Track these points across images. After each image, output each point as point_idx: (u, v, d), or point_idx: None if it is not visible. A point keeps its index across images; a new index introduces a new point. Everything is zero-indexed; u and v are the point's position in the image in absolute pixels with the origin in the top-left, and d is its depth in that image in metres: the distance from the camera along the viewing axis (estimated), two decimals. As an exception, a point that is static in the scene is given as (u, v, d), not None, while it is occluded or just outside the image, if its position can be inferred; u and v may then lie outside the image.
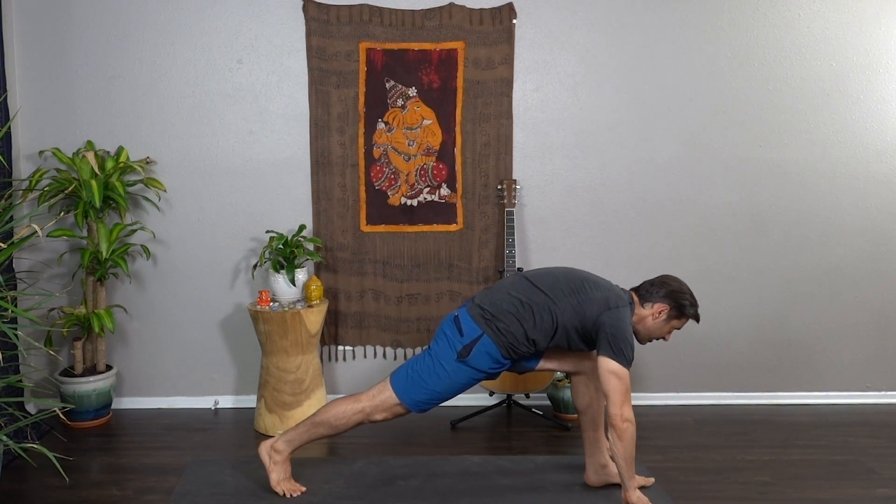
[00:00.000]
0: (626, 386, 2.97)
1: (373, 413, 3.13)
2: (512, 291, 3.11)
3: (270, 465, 3.24)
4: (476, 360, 3.04)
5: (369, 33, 4.24)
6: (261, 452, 3.28)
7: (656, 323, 3.14)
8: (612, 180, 4.38)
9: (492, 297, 3.12)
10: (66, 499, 3.27)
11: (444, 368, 3.06)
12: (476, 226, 4.37)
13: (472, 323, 3.06)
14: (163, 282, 4.37)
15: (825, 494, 3.33)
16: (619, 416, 2.94)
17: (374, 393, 3.15)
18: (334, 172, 4.32)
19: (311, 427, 3.20)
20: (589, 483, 3.36)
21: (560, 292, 3.07)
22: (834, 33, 4.33)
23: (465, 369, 3.06)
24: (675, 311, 3.13)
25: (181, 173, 4.31)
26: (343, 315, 4.42)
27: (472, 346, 3.03)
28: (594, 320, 3.03)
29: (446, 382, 3.07)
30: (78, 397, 4.05)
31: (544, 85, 4.34)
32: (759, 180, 4.40)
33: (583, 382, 3.29)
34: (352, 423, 3.15)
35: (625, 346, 2.99)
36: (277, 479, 3.24)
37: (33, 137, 4.22)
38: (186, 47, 4.25)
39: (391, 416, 3.15)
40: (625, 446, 2.97)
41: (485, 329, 3.03)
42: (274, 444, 3.25)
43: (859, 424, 4.17)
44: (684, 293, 3.15)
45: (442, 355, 3.08)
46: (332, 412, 3.17)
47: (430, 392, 3.08)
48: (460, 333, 3.06)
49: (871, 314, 4.49)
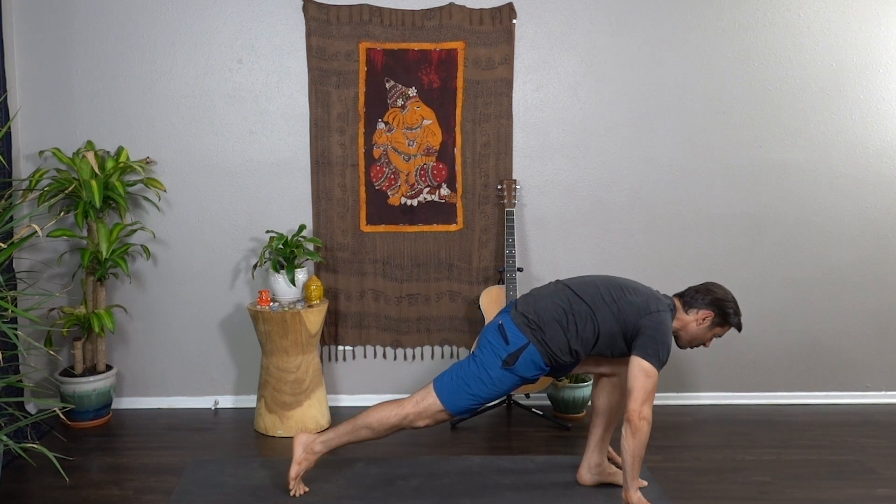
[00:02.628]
0: (652, 385, 2.98)
1: (416, 420, 3.14)
2: (555, 300, 3.12)
3: (300, 458, 3.24)
4: (521, 368, 3.06)
5: (369, 33, 4.25)
6: (296, 442, 3.27)
7: (699, 329, 3.17)
8: (612, 180, 4.38)
9: (535, 305, 3.13)
10: (66, 499, 3.27)
11: (489, 376, 3.08)
12: (476, 226, 4.37)
13: (517, 332, 3.07)
14: (163, 282, 4.37)
15: (825, 494, 3.33)
16: (637, 412, 2.95)
17: (417, 399, 3.15)
18: (334, 172, 4.32)
19: (353, 430, 3.20)
20: (581, 481, 3.37)
21: (601, 301, 3.09)
22: (834, 33, 4.33)
23: (510, 376, 3.08)
24: (719, 318, 3.16)
25: (181, 173, 4.31)
26: (343, 315, 4.42)
27: (518, 355, 3.05)
28: (634, 325, 3.04)
29: (491, 389, 3.09)
30: (78, 397, 4.05)
31: (544, 85, 4.34)
32: (759, 180, 4.40)
33: (611, 384, 3.31)
34: (395, 428, 3.17)
35: (660, 348, 3.00)
36: (297, 474, 3.24)
37: (33, 137, 4.22)
38: (186, 47, 4.25)
39: (433, 422, 3.16)
40: (636, 444, 2.97)
41: (530, 338, 3.05)
42: (312, 443, 3.25)
43: (859, 424, 4.17)
44: (729, 301, 3.18)
45: (487, 363, 3.09)
46: (375, 416, 3.17)
47: (475, 398, 3.10)
48: (506, 342, 3.08)
49: (871, 314, 4.49)
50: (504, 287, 4.11)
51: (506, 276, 4.11)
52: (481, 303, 4.15)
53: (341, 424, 3.26)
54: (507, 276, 4.10)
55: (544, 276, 4.34)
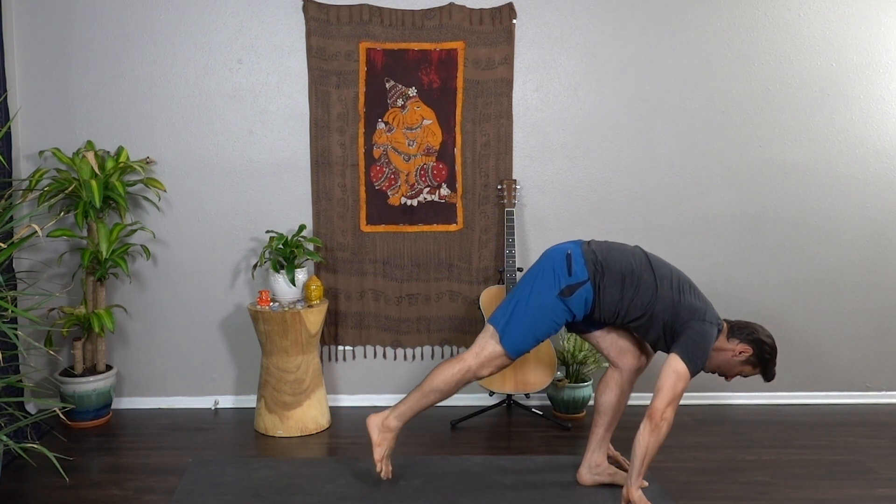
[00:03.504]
0: (681, 388, 2.97)
1: (479, 369, 3.16)
2: (629, 258, 3.14)
3: (379, 439, 3.25)
4: (574, 303, 3.08)
5: (369, 33, 4.24)
6: (370, 426, 3.27)
7: (732, 360, 3.15)
8: (612, 180, 4.38)
9: (608, 252, 3.15)
10: (66, 499, 3.27)
11: (542, 301, 3.08)
12: (476, 226, 4.37)
13: (582, 265, 3.09)
14: (163, 282, 4.37)
15: (825, 494, 3.33)
16: (660, 411, 2.94)
17: (477, 350, 3.17)
18: (334, 172, 4.32)
19: (421, 396, 3.22)
20: (581, 481, 3.37)
21: (668, 283, 3.10)
22: (834, 33, 4.33)
23: (560, 309, 3.08)
24: (755, 358, 3.14)
25: (181, 173, 4.31)
26: (343, 315, 4.42)
27: (576, 289, 3.06)
28: (684, 322, 3.04)
29: (539, 317, 3.10)
30: (78, 397, 4.05)
31: (544, 85, 4.34)
32: (759, 180, 4.40)
33: (615, 379, 3.31)
34: (461, 383, 3.18)
35: (700, 355, 3.00)
36: (381, 455, 3.25)
37: (33, 137, 4.22)
38: (186, 47, 4.25)
39: (495, 369, 3.18)
40: (653, 441, 2.97)
41: (591, 276, 3.07)
42: (385, 420, 3.25)
43: (859, 424, 4.18)
44: (770, 347, 3.15)
45: (544, 289, 3.10)
46: (439, 378, 3.19)
47: (532, 335, 3.11)
48: (569, 272, 3.09)
49: (870, 314, 4.49)
50: (504, 287, 4.11)
51: (506, 276, 4.11)
52: (481, 303, 4.15)
53: (409, 395, 3.26)
54: (507, 276, 4.10)
55: (544, 276, 4.35)
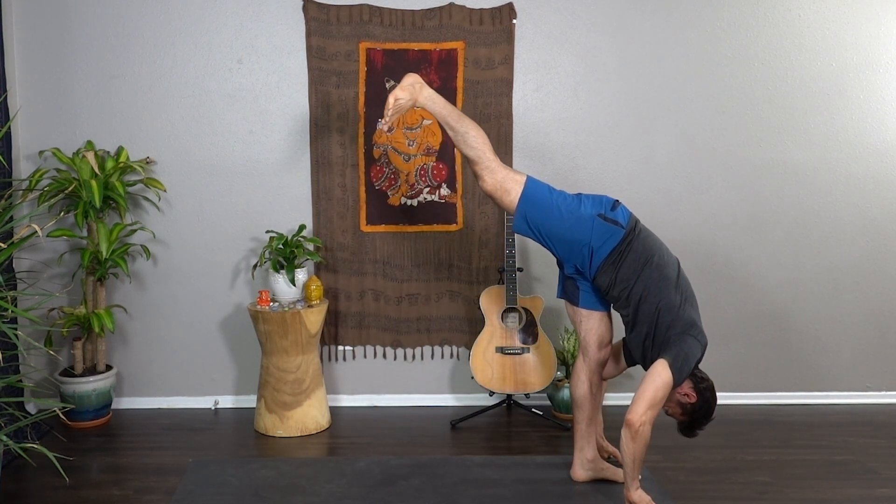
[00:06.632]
0: (663, 394, 2.96)
1: (485, 174, 3.16)
2: (661, 248, 3.21)
3: (405, 87, 3.25)
4: (603, 232, 3.11)
5: (369, 33, 4.24)
6: (408, 78, 3.28)
7: (675, 396, 3.07)
8: (612, 180, 4.38)
9: (650, 233, 3.23)
10: (66, 499, 3.27)
11: (578, 213, 3.12)
12: (476, 226, 4.37)
13: (627, 218, 3.17)
14: (163, 282, 4.37)
15: (825, 494, 3.33)
16: (639, 415, 2.93)
17: (505, 176, 3.17)
18: (334, 172, 4.31)
19: (458, 117, 3.22)
20: (575, 478, 3.37)
21: (676, 287, 3.12)
22: (834, 33, 4.33)
23: (587, 227, 3.11)
24: (692, 408, 3.08)
25: (181, 173, 4.31)
26: (343, 315, 4.42)
27: (611, 224, 3.11)
28: (679, 333, 3.04)
29: (567, 220, 3.12)
30: (78, 397, 4.05)
31: (544, 85, 4.34)
32: (759, 180, 4.40)
33: (584, 371, 3.32)
34: (470, 152, 3.18)
35: (686, 367, 3.01)
36: (394, 101, 3.23)
37: (33, 137, 4.22)
38: (186, 47, 4.25)
39: (495, 192, 3.17)
40: (636, 448, 2.96)
41: (626, 229, 3.12)
42: (422, 88, 3.24)
43: (859, 424, 4.18)
44: (709, 411, 3.08)
45: (586, 202, 3.16)
46: (474, 133, 3.17)
47: (547, 215, 3.14)
48: (612, 208, 3.16)
49: (871, 314, 4.49)
50: (504, 287, 4.11)
51: (506, 276, 4.11)
52: (481, 303, 4.15)
53: (452, 107, 3.28)
54: (507, 276, 4.10)
55: (544, 276, 4.35)
